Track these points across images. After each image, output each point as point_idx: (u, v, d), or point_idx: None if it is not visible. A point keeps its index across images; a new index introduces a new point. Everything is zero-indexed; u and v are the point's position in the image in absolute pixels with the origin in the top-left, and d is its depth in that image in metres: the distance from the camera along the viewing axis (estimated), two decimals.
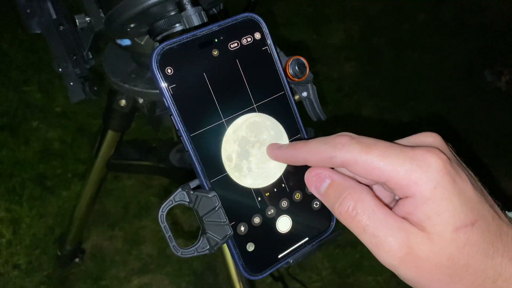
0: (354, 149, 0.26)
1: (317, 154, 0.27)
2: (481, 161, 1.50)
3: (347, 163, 0.26)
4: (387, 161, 0.25)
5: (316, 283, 1.22)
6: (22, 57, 1.66)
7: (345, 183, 0.27)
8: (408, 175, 0.24)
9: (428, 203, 0.24)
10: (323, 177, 0.28)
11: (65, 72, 0.57)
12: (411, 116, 1.63)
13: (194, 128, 0.29)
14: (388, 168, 0.25)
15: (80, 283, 1.19)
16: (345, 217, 0.26)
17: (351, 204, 0.26)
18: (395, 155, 0.25)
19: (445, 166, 0.24)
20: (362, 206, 0.26)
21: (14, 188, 1.32)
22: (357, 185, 0.27)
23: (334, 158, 0.26)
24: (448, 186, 0.24)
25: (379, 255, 0.25)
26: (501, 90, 1.72)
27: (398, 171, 0.24)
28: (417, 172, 0.24)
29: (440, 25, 1.97)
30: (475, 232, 0.24)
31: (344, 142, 0.26)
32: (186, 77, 0.28)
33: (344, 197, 0.26)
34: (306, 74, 0.37)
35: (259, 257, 0.31)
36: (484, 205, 0.25)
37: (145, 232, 1.29)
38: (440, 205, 0.24)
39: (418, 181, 0.24)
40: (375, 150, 0.25)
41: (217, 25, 0.29)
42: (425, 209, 0.24)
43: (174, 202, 0.29)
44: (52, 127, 1.48)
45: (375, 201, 0.26)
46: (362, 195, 0.26)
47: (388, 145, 0.25)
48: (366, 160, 0.25)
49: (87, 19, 0.54)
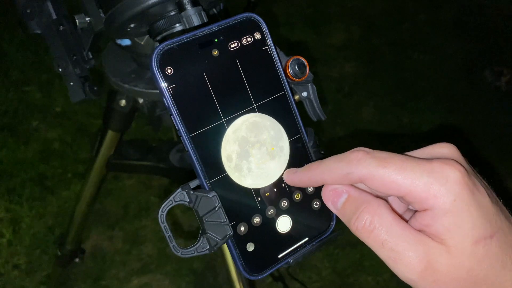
0: (370, 164, 0.25)
1: (333, 173, 0.27)
2: (481, 161, 1.50)
3: (364, 178, 0.26)
4: (405, 175, 0.24)
5: (316, 283, 1.22)
6: (22, 57, 1.66)
7: (362, 198, 0.27)
8: (426, 188, 0.24)
9: (448, 215, 0.24)
10: (340, 192, 0.28)
11: (65, 72, 0.57)
12: (411, 116, 1.63)
13: (194, 128, 0.29)
14: (406, 182, 0.24)
15: (80, 283, 1.19)
16: (362, 231, 0.26)
17: (368, 219, 0.26)
18: (412, 169, 0.25)
19: (464, 178, 0.24)
20: (380, 221, 0.25)
21: (14, 188, 1.32)
22: (374, 199, 0.26)
23: (351, 175, 0.26)
24: (467, 199, 0.24)
25: (397, 269, 0.25)
26: (501, 90, 1.72)
27: (417, 185, 0.24)
28: (435, 185, 0.24)
29: (440, 25, 1.97)
30: (494, 244, 0.24)
31: (360, 158, 0.26)
32: (186, 77, 0.28)
33: (361, 211, 0.26)
34: (306, 74, 0.37)
35: (259, 257, 0.31)
36: (501, 217, 0.25)
37: (145, 232, 1.29)
38: (459, 218, 0.24)
39: (437, 193, 0.24)
40: (391, 164, 0.25)
41: (217, 25, 0.29)
42: (444, 222, 0.24)
43: (174, 202, 0.29)
44: (52, 127, 1.48)
45: (393, 215, 0.26)
46: (379, 209, 0.26)
47: (404, 159, 0.25)
48: (384, 175, 0.25)
49: (87, 19, 0.54)
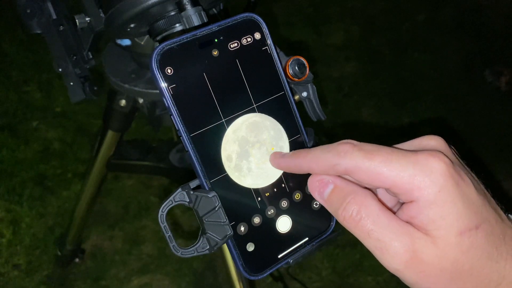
0: (357, 156, 0.26)
1: (321, 162, 0.27)
2: (481, 161, 1.50)
3: (350, 170, 0.26)
4: (390, 167, 0.25)
5: (316, 283, 1.22)
6: (22, 57, 1.66)
7: (348, 188, 0.27)
8: (411, 179, 0.24)
9: (432, 207, 0.24)
10: (326, 182, 0.28)
11: (65, 72, 0.57)
12: (411, 116, 1.63)
13: (194, 128, 0.29)
14: (391, 174, 0.25)
15: (80, 283, 1.19)
16: (349, 222, 0.26)
17: (355, 209, 0.26)
18: (398, 160, 0.25)
19: (448, 169, 0.24)
20: (366, 211, 0.25)
21: (14, 188, 1.32)
22: (361, 190, 0.27)
23: (338, 166, 0.26)
24: (452, 190, 0.24)
25: (383, 259, 0.25)
26: (501, 90, 1.72)
27: (402, 176, 0.24)
28: (420, 176, 0.24)
29: (440, 25, 1.96)
30: (479, 235, 0.24)
31: (347, 150, 0.26)
32: (186, 77, 0.28)
33: (347, 202, 0.26)
34: (306, 74, 0.37)
35: (259, 257, 0.31)
36: (487, 208, 0.25)
37: (145, 232, 1.29)
38: (444, 209, 0.24)
39: (421, 185, 0.24)
40: (377, 156, 0.25)
41: (217, 25, 0.29)
42: (429, 213, 0.24)
43: (174, 202, 0.29)
44: (52, 127, 1.48)
45: (379, 205, 0.26)
46: (366, 200, 0.26)
47: (390, 151, 0.25)
48: (369, 167, 0.25)
49: (87, 19, 0.54)
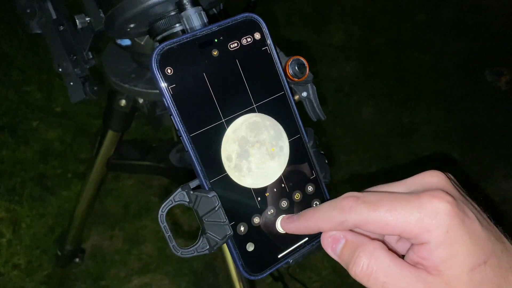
0: (362, 210, 0.26)
1: (329, 221, 0.28)
2: (482, 162, 1.50)
3: (358, 224, 0.26)
4: (396, 215, 0.25)
5: (316, 283, 1.22)
6: (22, 57, 1.66)
7: (357, 241, 0.27)
8: (419, 224, 0.25)
9: (442, 247, 0.25)
10: (338, 237, 0.28)
11: (65, 72, 0.57)
12: (411, 116, 1.63)
13: (194, 128, 0.29)
14: (398, 222, 0.25)
15: (80, 283, 1.19)
16: (361, 276, 0.26)
17: (365, 262, 0.26)
18: (402, 207, 0.25)
19: (453, 208, 0.25)
20: (377, 263, 0.26)
21: (14, 188, 1.32)
22: (369, 242, 0.27)
23: (346, 222, 0.27)
24: (459, 228, 0.25)
25: None
26: (501, 90, 1.72)
27: (409, 222, 0.25)
28: (427, 219, 0.25)
29: (440, 25, 1.96)
30: (488, 269, 0.25)
31: (351, 205, 0.26)
32: (186, 77, 0.28)
33: (357, 256, 0.26)
34: (306, 74, 0.37)
35: (259, 257, 0.31)
36: (492, 241, 0.26)
37: (145, 232, 1.29)
38: (454, 248, 0.24)
39: (429, 227, 0.25)
40: (382, 206, 0.26)
41: (217, 25, 0.29)
42: (440, 254, 0.25)
43: (174, 202, 0.29)
44: (52, 127, 1.48)
45: (390, 255, 0.26)
46: (375, 252, 0.26)
47: (393, 198, 0.26)
48: (376, 218, 0.25)
49: (87, 19, 0.54)
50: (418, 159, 1.51)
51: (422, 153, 1.53)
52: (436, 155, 1.53)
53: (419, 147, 1.55)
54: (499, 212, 0.47)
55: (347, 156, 1.51)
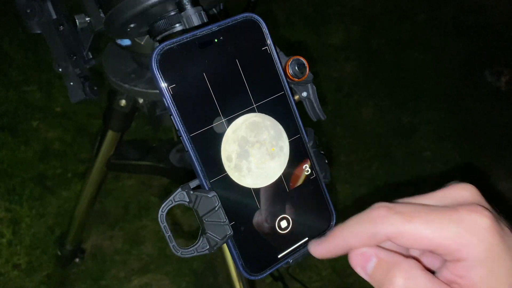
0: (396, 221, 0.24)
1: (359, 236, 0.26)
2: (483, 162, 1.50)
3: (391, 236, 0.25)
4: (433, 228, 0.24)
5: (316, 283, 1.22)
6: (22, 57, 1.66)
7: (392, 260, 0.25)
8: (458, 239, 0.23)
9: (482, 265, 0.23)
10: (368, 255, 0.26)
11: (65, 72, 0.57)
12: (411, 116, 1.63)
13: (194, 128, 0.29)
14: (435, 235, 0.24)
15: (80, 283, 1.19)
16: None
17: (401, 282, 0.24)
18: (440, 220, 0.24)
19: (493, 224, 0.24)
20: (415, 283, 0.24)
21: (14, 188, 1.32)
22: (405, 261, 0.25)
23: (378, 235, 0.25)
24: (500, 246, 0.24)
25: None
26: (501, 90, 1.72)
27: (446, 237, 0.23)
28: (466, 235, 0.23)
29: (440, 25, 1.96)
30: None
31: (383, 215, 0.25)
32: (186, 77, 0.28)
33: (392, 276, 0.25)
34: (306, 74, 0.37)
35: (259, 257, 0.31)
36: None
37: (145, 232, 1.29)
38: (494, 266, 0.23)
39: (469, 243, 0.23)
40: (417, 218, 0.24)
41: (217, 25, 0.29)
42: (480, 272, 0.23)
43: (174, 202, 0.29)
44: (52, 127, 1.48)
45: (427, 275, 0.24)
46: (412, 271, 0.24)
47: (429, 210, 0.24)
48: (411, 230, 0.24)
49: (87, 19, 0.54)
50: (418, 159, 1.51)
51: (422, 153, 1.53)
52: (436, 155, 1.53)
53: (419, 147, 1.55)
54: (499, 212, 0.47)
55: (347, 156, 1.51)
